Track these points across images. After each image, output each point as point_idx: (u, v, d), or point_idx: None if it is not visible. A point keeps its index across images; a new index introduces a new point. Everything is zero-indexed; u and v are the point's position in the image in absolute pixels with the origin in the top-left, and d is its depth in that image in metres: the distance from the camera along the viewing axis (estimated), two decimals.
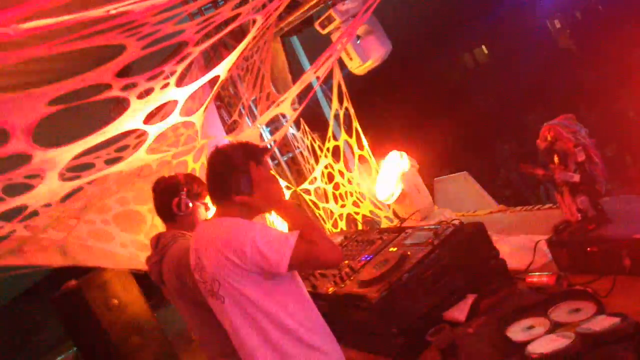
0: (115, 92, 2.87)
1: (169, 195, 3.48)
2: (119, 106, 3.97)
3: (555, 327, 2.38)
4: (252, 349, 2.72)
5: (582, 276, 2.82)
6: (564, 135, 2.85)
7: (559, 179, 2.93)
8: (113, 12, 1.67)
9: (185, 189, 3.47)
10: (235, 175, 2.77)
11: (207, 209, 3.56)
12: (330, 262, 2.67)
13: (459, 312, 2.87)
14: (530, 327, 2.47)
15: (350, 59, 4.88)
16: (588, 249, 2.81)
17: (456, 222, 3.25)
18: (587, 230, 2.86)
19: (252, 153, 2.85)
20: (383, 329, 2.89)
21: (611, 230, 2.78)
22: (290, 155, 6.50)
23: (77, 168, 4.07)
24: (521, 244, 3.52)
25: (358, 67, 4.91)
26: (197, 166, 5.17)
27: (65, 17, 1.62)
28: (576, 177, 2.86)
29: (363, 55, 4.97)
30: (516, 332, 2.47)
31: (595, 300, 2.47)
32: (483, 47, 15.43)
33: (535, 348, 2.26)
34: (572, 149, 2.84)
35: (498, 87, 13.22)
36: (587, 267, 2.83)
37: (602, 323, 2.22)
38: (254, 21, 3.37)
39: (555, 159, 2.92)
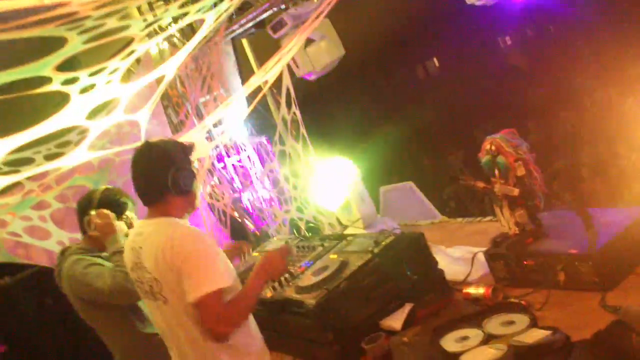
0: (55, 86, 2.80)
1: (81, 212, 3.47)
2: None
3: (488, 339, 2.39)
4: (180, 346, 2.77)
5: (518, 289, 2.86)
6: (505, 149, 2.88)
7: (499, 192, 2.96)
8: (47, 2, 1.62)
9: (96, 207, 3.43)
10: (176, 171, 2.72)
11: (131, 227, 3.48)
12: (218, 333, 2.62)
13: (396, 320, 2.87)
14: (465, 338, 2.48)
15: (297, 66, 4.87)
16: (524, 262, 2.85)
17: (397, 231, 3.26)
18: (524, 243, 2.89)
19: (187, 150, 2.81)
20: (320, 336, 2.88)
21: (548, 245, 2.82)
22: (237, 158, 6.45)
23: (15, 162, 3.97)
24: (460, 255, 3.55)
25: (304, 74, 4.91)
26: None
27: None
28: (515, 191, 2.89)
29: (309, 63, 4.98)
30: (450, 342, 2.48)
31: (529, 313, 2.49)
32: (435, 59, 15.58)
33: (468, 359, 2.27)
34: (512, 163, 2.87)
35: (448, 100, 13.36)
36: (523, 280, 2.87)
37: (534, 336, 2.24)
38: (203, 21, 3.33)
39: (496, 172, 2.95)
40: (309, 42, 4.90)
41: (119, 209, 3.49)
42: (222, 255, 2.76)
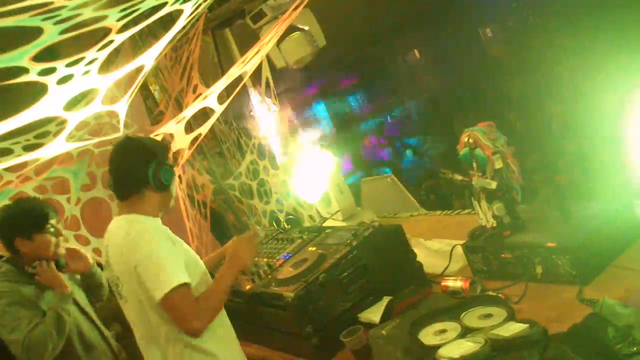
0: (32, 77, 2.76)
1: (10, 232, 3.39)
2: None
3: (466, 332, 2.40)
4: (144, 348, 2.79)
5: (496, 282, 2.87)
6: (482, 142, 2.89)
7: (476, 185, 2.97)
8: None
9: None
10: (157, 165, 2.69)
11: (59, 234, 3.44)
12: (190, 329, 2.61)
13: (374, 313, 2.88)
14: (442, 331, 2.48)
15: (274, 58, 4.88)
16: (502, 255, 2.86)
17: (376, 223, 3.26)
18: (502, 236, 2.90)
19: (167, 147, 2.79)
20: (298, 329, 2.87)
21: (525, 238, 2.83)
22: (217, 150, 6.43)
23: None
24: (439, 248, 3.56)
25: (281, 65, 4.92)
26: None
27: None
28: (493, 184, 2.90)
29: (281, 58, 4.99)
30: (428, 335, 2.48)
31: (506, 306, 2.50)
32: (415, 51, 15.57)
33: (445, 352, 2.28)
34: (490, 156, 2.87)
35: (428, 92, 13.37)
36: (501, 273, 2.88)
37: (512, 329, 2.25)
38: (181, 11, 3.30)
39: (474, 165, 2.95)
40: (284, 35, 4.88)
41: (41, 223, 3.40)
42: (183, 251, 2.74)
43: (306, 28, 5.00)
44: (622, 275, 2.54)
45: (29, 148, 4.19)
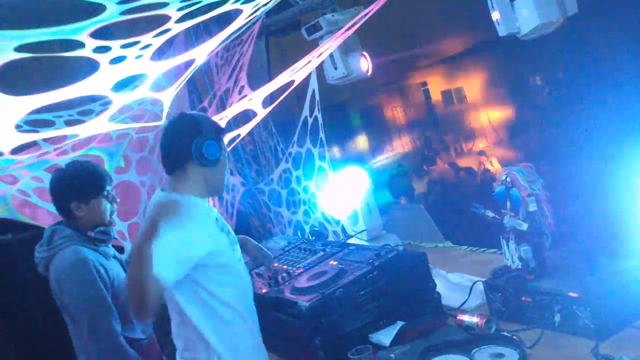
0: (87, 53, 2.80)
1: (67, 194, 3.29)
2: None
3: None
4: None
5: (512, 324, 2.85)
6: (519, 183, 2.88)
7: (508, 224, 2.95)
8: None
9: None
10: (201, 139, 2.62)
11: (114, 201, 3.36)
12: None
13: (385, 336, 2.87)
14: None
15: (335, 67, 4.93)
16: (522, 298, 2.83)
17: (400, 247, 3.26)
18: (525, 279, 2.88)
19: (218, 127, 2.77)
20: (307, 339, 2.87)
21: (548, 284, 2.80)
22: (253, 153, 6.46)
23: (35, 123, 3.98)
24: (459, 282, 3.54)
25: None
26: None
27: None
28: (524, 226, 2.88)
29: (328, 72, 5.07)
30: None
31: (519, 349, 2.48)
32: (463, 87, 15.57)
33: None
34: (525, 197, 2.86)
35: (470, 127, 13.36)
36: (519, 315, 2.86)
37: None
38: (241, 11, 3.34)
39: (508, 204, 2.94)
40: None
41: (99, 187, 3.31)
42: (208, 244, 2.60)
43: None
44: None
45: (70, 123, 4.23)
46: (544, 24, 3.36)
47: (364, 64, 4.87)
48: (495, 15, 3.47)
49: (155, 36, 2.94)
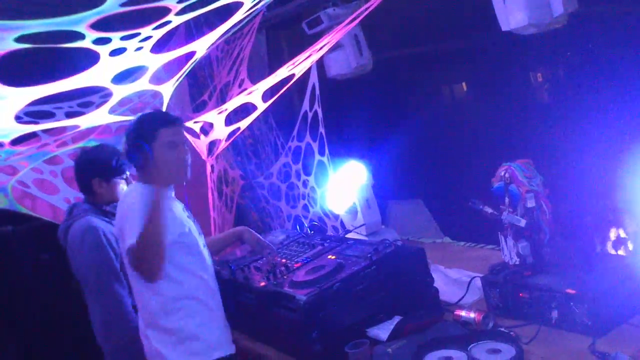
0: (87, 44, 2.80)
1: (91, 172, 3.55)
2: None
3: None
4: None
5: (509, 320, 2.86)
6: (518, 179, 2.88)
7: (506, 220, 2.95)
8: None
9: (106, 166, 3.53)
10: (130, 145, 2.83)
11: (129, 182, 3.59)
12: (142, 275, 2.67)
13: (383, 330, 2.87)
14: (448, 359, 2.47)
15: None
16: (520, 294, 2.84)
17: (399, 242, 3.26)
18: (523, 275, 2.88)
19: (163, 119, 2.93)
20: (304, 333, 2.87)
21: (546, 280, 2.80)
22: (253, 147, 6.45)
23: (36, 114, 3.99)
24: (457, 277, 3.54)
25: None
26: None
27: None
28: (522, 222, 2.88)
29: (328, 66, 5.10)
30: None
31: (516, 344, 2.49)
32: (463, 84, 15.53)
33: None
34: (524, 193, 2.86)
35: (470, 125, 13.33)
36: (516, 311, 2.87)
37: None
38: (242, 4, 3.33)
39: (506, 200, 2.94)
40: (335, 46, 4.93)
41: (122, 168, 3.59)
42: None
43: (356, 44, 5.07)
44: (638, 333, 2.51)
45: (70, 115, 4.24)
46: (533, 24, 3.40)
47: None
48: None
49: (155, 28, 2.94)
